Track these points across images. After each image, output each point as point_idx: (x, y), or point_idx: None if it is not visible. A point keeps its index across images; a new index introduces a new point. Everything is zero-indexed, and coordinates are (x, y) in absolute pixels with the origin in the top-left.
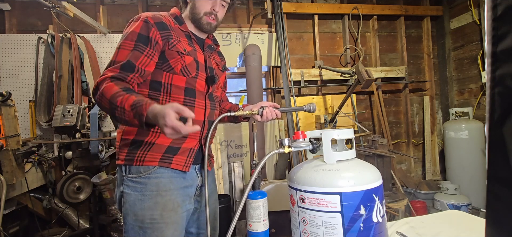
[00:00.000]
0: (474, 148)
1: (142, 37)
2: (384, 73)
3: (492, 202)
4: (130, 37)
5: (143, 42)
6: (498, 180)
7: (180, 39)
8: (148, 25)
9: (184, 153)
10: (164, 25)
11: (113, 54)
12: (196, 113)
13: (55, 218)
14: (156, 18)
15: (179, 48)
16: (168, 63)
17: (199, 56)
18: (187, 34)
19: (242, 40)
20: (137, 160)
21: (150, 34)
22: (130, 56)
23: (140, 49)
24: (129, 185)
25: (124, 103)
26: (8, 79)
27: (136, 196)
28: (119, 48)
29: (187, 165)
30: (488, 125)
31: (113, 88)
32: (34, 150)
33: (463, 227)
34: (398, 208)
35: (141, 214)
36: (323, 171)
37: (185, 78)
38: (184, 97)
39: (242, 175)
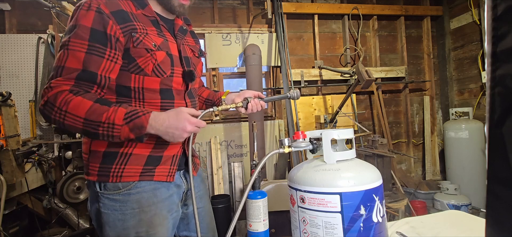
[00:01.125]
0: (474, 148)
1: (97, 34)
2: (384, 73)
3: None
4: (81, 34)
5: (100, 41)
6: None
7: (146, 31)
8: (102, 17)
9: (167, 161)
10: (123, 14)
11: (58, 58)
12: None
13: (55, 218)
14: (112, 6)
15: (148, 44)
16: (136, 63)
17: (172, 47)
18: (153, 20)
19: (242, 40)
20: (113, 176)
21: (108, 29)
22: (86, 62)
23: (97, 51)
24: (106, 204)
25: (111, 118)
26: (8, 79)
27: (115, 216)
28: (67, 49)
29: (171, 175)
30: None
31: (83, 101)
32: (34, 150)
33: (463, 227)
34: (398, 208)
35: (124, 234)
36: (323, 171)
37: (159, 79)
38: (161, 100)
39: (242, 175)
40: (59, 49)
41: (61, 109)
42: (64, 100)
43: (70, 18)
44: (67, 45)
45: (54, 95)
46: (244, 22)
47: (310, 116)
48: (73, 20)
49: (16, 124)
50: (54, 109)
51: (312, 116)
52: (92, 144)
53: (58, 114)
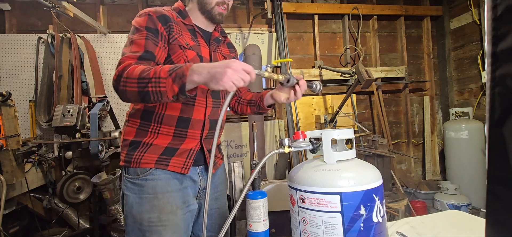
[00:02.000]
0: (474, 148)
1: (151, 30)
2: (384, 73)
3: (492, 202)
4: (139, 31)
5: (154, 34)
6: (498, 180)
7: (182, 33)
8: (152, 19)
9: (183, 154)
10: (166, 18)
11: (125, 49)
12: (195, 112)
13: (55, 218)
14: (158, 12)
15: (181, 42)
16: (170, 58)
17: (203, 51)
18: (190, 28)
19: (242, 40)
20: (134, 161)
21: (158, 27)
22: (146, 46)
23: (153, 40)
24: (128, 186)
25: (158, 72)
26: (8, 79)
27: (134, 199)
28: (132, 42)
29: (186, 167)
30: (488, 125)
31: (139, 67)
32: (34, 150)
33: (463, 227)
34: (398, 208)
35: (139, 217)
36: (323, 171)
37: None
38: None
39: (242, 175)
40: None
41: (124, 78)
42: (127, 71)
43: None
44: (131, 40)
45: (123, 68)
46: (244, 22)
47: (310, 116)
48: (132, 27)
49: (16, 124)
50: (121, 80)
51: (312, 116)
52: (125, 131)
53: (123, 83)
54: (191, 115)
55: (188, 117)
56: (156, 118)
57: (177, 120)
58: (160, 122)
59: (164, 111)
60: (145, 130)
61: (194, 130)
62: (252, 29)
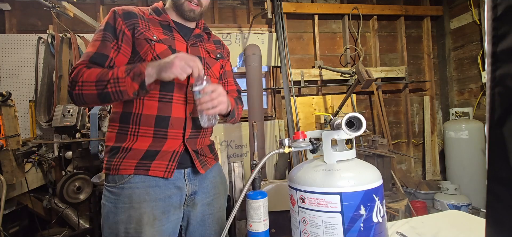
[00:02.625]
0: (474, 148)
1: (109, 28)
2: (384, 73)
3: (492, 202)
4: (99, 30)
5: (111, 32)
6: (498, 180)
7: (150, 27)
8: (115, 16)
9: (165, 156)
10: (131, 14)
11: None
12: (174, 110)
13: (55, 218)
14: (125, 9)
15: (148, 35)
16: (139, 55)
17: (178, 45)
18: (164, 23)
19: (242, 40)
20: (113, 168)
21: (116, 24)
22: (99, 47)
23: (108, 39)
24: (105, 195)
25: (116, 73)
26: (8, 79)
27: (109, 208)
28: (92, 41)
29: (169, 171)
30: (488, 125)
31: (94, 71)
32: (34, 150)
33: (463, 227)
34: (398, 208)
35: (115, 227)
36: (323, 171)
37: None
38: (160, 92)
39: (242, 175)
40: None
41: (78, 81)
42: (80, 74)
43: None
44: (93, 38)
45: (75, 74)
46: (244, 22)
47: (310, 116)
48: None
49: (16, 124)
50: (77, 85)
51: (312, 116)
52: (106, 139)
53: (78, 87)
54: (169, 113)
55: (167, 115)
56: (134, 120)
57: (156, 120)
58: (138, 123)
59: (141, 111)
60: (125, 134)
61: (175, 130)
62: (252, 29)
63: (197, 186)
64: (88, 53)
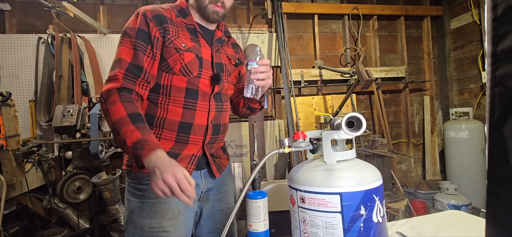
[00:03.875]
0: (474, 148)
1: (141, 34)
2: (384, 73)
3: (492, 202)
4: (129, 33)
5: (144, 40)
6: (498, 180)
7: (179, 34)
8: (146, 20)
9: (185, 160)
10: (162, 18)
11: (116, 54)
12: (198, 117)
13: (55, 218)
14: (155, 11)
15: (177, 44)
16: (167, 62)
17: (204, 52)
18: (191, 27)
19: (242, 40)
20: (136, 166)
21: (150, 30)
22: (133, 57)
23: (142, 49)
24: (130, 191)
25: (126, 137)
26: (8, 79)
27: (135, 204)
28: (120, 46)
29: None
30: (488, 125)
31: (120, 110)
32: (34, 150)
33: (463, 227)
34: (398, 208)
35: (140, 223)
36: (323, 171)
37: (185, 78)
38: (185, 99)
39: (242, 175)
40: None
41: (105, 106)
42: (111, 100)
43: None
44: (121, 42)
45: (107, 90)
46: (244, 22)
47: (310, 116)
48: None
49: (16, 124)
50: (103, 105)
51: (312, 116)
52: None
53: (105, 108)
54: (193, 120)
55: (190, 122)
56: (157, 123)
57: (179, 125)
58: (162, 127)
59: (166, 115)
60: None
61: (196, 136)
62: (252, 29)
63: (212, 183)
64: (123, 61)
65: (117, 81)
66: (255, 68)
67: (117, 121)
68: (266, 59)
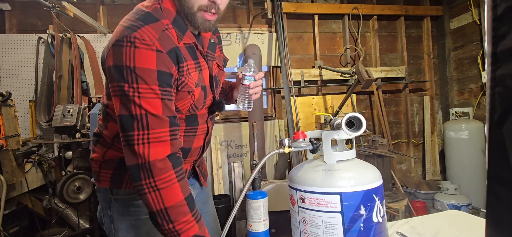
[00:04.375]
0: (474, 148)
1: (164, 77)
2: (384, 73)
3: (492, 202)
4: (149, 80)
5: (167, 83)
6: (498, 180)
7: (189, 70)
8: (163, 58)
9: None
10: (177, 52)
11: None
12: (196, 141)
13: (55, 218)
14: (166, 43)
15: (190, 85)
16: (175, 106)
17: (205, 75)
18: (191, 46)
19: (242, 40)
20: (127, 182)
21: (172, 70)
22: (164, 109)
23: (168, 94)
24: (119, 209)
25: (182, 231)
26: (8, 79)
27: (130, 222)
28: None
29: None
30: (488, 125)
31: (177, 193)
32: (34, 150)
33: (463, 227)
34: (398, 208)
35: None
36: (323, 171)
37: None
38: (185, 127)
39: (242, 175)
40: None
41: (159, 183)
42: (166, 179)
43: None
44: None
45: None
46: (244, 22)
47: (310, 116)
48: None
49: (16, 124)
50: (153, 178)
51: (312, 116)
52: (106, 153)
53: (152, 183)
54: (191, 145)
55: (189, 147)
56: None
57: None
58: None
59: None
60: None
61: (192, 157)
62: (252, 29)
63: (197, 189)
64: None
65: (166, 143)
66: (253, 83)
67: (172, 207)
68: (261, 72)
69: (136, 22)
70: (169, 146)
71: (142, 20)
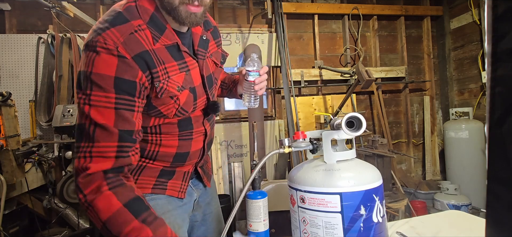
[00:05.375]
0: (474, 148)
1: (123, 85)
2: (384, 73)
3: (492, 202)
4: (105, 86)
5: (128, 92)
6: (498, 180)
7: (168, 73)
8: (126, 64)
9: (179, 177)
10: (145, 57)
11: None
12: (194, 144)
13: (55, 218)
14: (133, 47)
15: (172, 91)
16: (158, 110)
17: (194, 76)
18: (173, 46)
19: (242, 40)
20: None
21: (136, 78)
22: (118, 121)
23: (127, 104)
24: None
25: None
26: (8, 79)
27: None
28: (92, 106)
29: (182, 191)
30: (488, 125)
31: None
32: (34, 150)
33: (463, 227)
34: (398, 208)
35: None
36: (323, 171)
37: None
38: (179, 132)
39: (242, 175)
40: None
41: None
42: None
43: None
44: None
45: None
46: (244, 22)
47: (310, 116)
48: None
49: (16, 124)
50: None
51: (312, 116)
52: None
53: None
54: (189, 149)
55: (186, 151)
56: (148, 155)
57: (174, 157)
58: (154, 158)
59: (158, 149)
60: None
61: (192, 160)
62: (252, 29)
63: (201, 190)
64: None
65: (109, 160)
66: (258, 78)
67: (109, 219)
68: (265, 67)
69: (103, 24)
70: (111, 163)
71: (109, 22)
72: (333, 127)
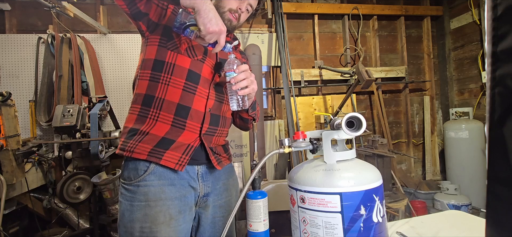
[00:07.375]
0: (474, 148)
1: None
2: (384, 73)
3: (492, 202)
4: None
5: None
6: (498, 180)
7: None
8: None
9: (179, 149)
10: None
11: None
12: (196, 102)
13: (55, 218)
14: None
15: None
16: (173, 41)
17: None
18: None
19: (242, 40)
20: (127, 150)
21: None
22: None
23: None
24: (122, 193)
25: None
26: (8, 79)
27: (125, 206)
28: None
29: (181, 164)
30: (488, 125)
31: None
32: (34, 150)
33: (463, 227)
34: (398, 208)
35: (130, 226)
36: (323, 171)
37: (190, 59)
38: (185, 81)
39: (242, 175)
40: None
41: None
42: None
43: None
44: None
45: None
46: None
47: (310, 116)
48: None
49: (16, 124)
50: None
51: (312, 116)
52: (126, 121)
53: None
54: (190, 104)
55: (188, 106)
56: (156, 103)
57: (177, 108)
58: (160, 108)
59: (164, 96)
60: (145, 116)
61: (194, 122)
62: (252, 29)
63: (210, 187)
64: None
65: None
66: (234, 77)
67: None
68: (244, 65)
69: None
70: None
71: None
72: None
